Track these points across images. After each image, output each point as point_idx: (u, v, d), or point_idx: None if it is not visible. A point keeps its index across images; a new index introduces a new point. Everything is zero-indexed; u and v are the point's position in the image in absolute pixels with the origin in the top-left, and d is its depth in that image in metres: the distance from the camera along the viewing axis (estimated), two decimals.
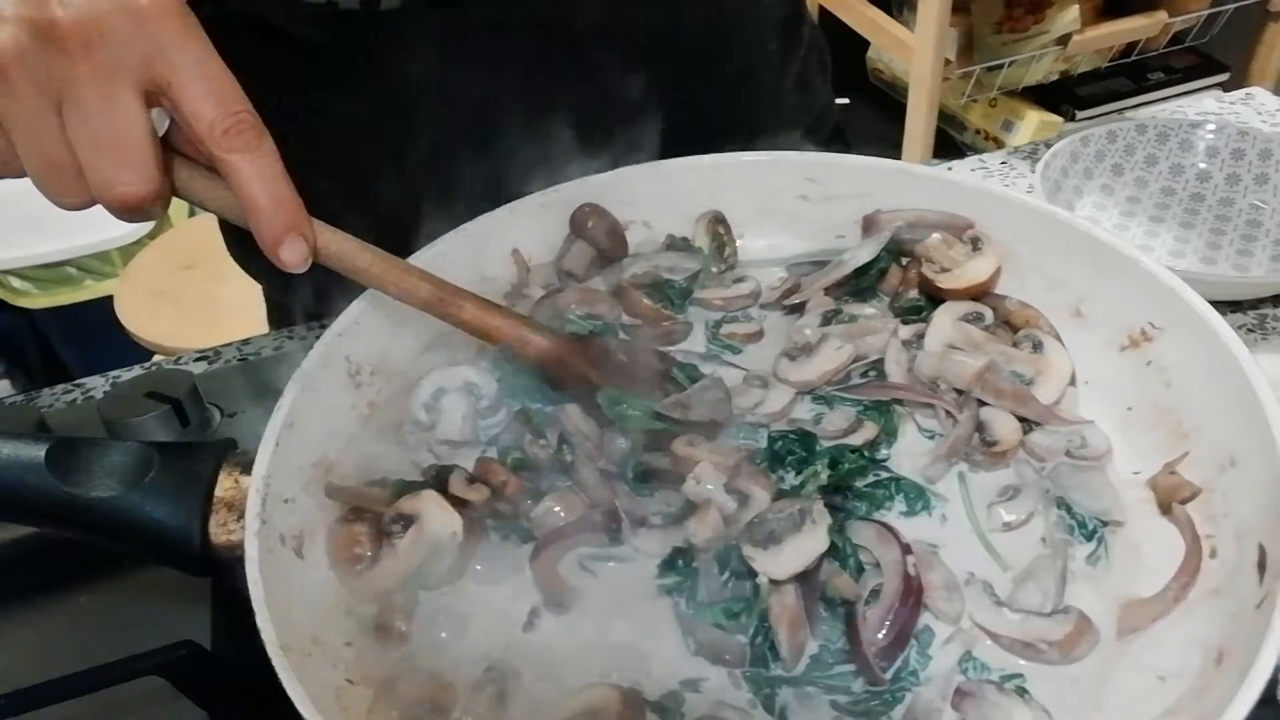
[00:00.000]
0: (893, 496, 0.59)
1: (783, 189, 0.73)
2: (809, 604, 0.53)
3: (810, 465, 0.59)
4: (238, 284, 1.09)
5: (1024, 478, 0.60)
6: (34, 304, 2.17)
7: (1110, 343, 0.64)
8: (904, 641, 0.52)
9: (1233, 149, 0.95)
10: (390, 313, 0.64)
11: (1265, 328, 0.83)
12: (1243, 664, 0.45)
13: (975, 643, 0.53)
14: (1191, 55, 2.34)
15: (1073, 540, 0.57)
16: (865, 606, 0.53)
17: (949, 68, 2.07)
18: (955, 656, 0.53)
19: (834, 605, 0.54)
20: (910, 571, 0.53)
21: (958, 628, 0.54)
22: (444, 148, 0.78)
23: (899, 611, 0.52)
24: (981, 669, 0.52)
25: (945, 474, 0.61)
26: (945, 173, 0.71)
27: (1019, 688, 0.51)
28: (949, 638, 0.53)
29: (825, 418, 0.64)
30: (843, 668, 0.52)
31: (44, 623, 0.65)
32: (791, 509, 0.54)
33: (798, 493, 0.57)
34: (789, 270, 0.73)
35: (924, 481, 0.60)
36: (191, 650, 0.55)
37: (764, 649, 0.52)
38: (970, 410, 0.62)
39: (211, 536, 0.52)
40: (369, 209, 0.62)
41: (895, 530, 0.56)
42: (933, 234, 0.68)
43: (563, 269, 0.71)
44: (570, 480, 0.60)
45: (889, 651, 0.52)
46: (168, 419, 0.72)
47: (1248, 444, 0.54)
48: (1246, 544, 0.52)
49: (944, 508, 0.59)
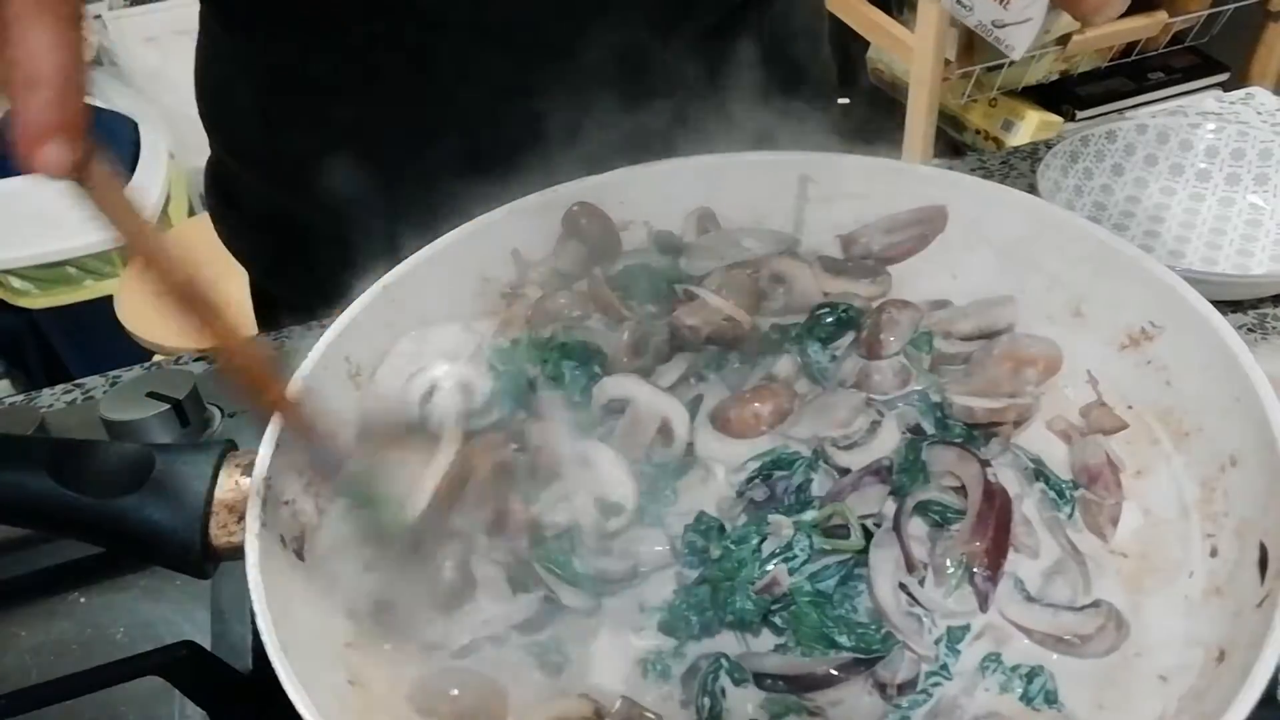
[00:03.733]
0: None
1: (783, 189, 0.73)
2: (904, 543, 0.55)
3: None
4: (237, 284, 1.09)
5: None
6: (34, 304, 2.17)
7: (1110, 342, 0.64)
8: (1002, 549, 0.54)
9: (1233, 149, 0.95)
10: (390, 313, 0.64)
11: (1265, 328, 0.83)
12: (1244, 663, 0.44)
13: (1006, 640, 0.53)
14: (1191, 55, 2.34)
15: (1061, 517, 0.58)
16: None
17: (949, 68, 2.07)
18: (981, 654, 0.53)
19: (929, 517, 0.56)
20: (990, 479, 0.55)
21: (988, 621, 0.54)
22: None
23: (985, 515, 0.54)
24: (1005, 672, 0.52)
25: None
26: (945, 172, 0.71)
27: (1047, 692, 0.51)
28: (979, 632, 0.53)
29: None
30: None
31: (44, 623, 0.65)
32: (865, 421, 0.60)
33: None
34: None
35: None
36: (191, 650, 0.55)
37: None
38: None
39: (212, 538, 0.52)
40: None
41: (974, 450, 0.57)
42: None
43: (557, 269, 0.71)
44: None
45: (992, 560, 0.53)
46: (168, 419, 0.72)
47: (1248, 444, 0.54)
48: (1247, 543, 0.52)
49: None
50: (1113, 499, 0.59)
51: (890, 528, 0.56)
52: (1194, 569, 0.55)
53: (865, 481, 0.58)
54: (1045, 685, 0.51)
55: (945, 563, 0.55)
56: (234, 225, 0.96)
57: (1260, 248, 0.90)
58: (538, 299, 0.69)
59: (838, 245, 0.72)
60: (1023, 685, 0.52)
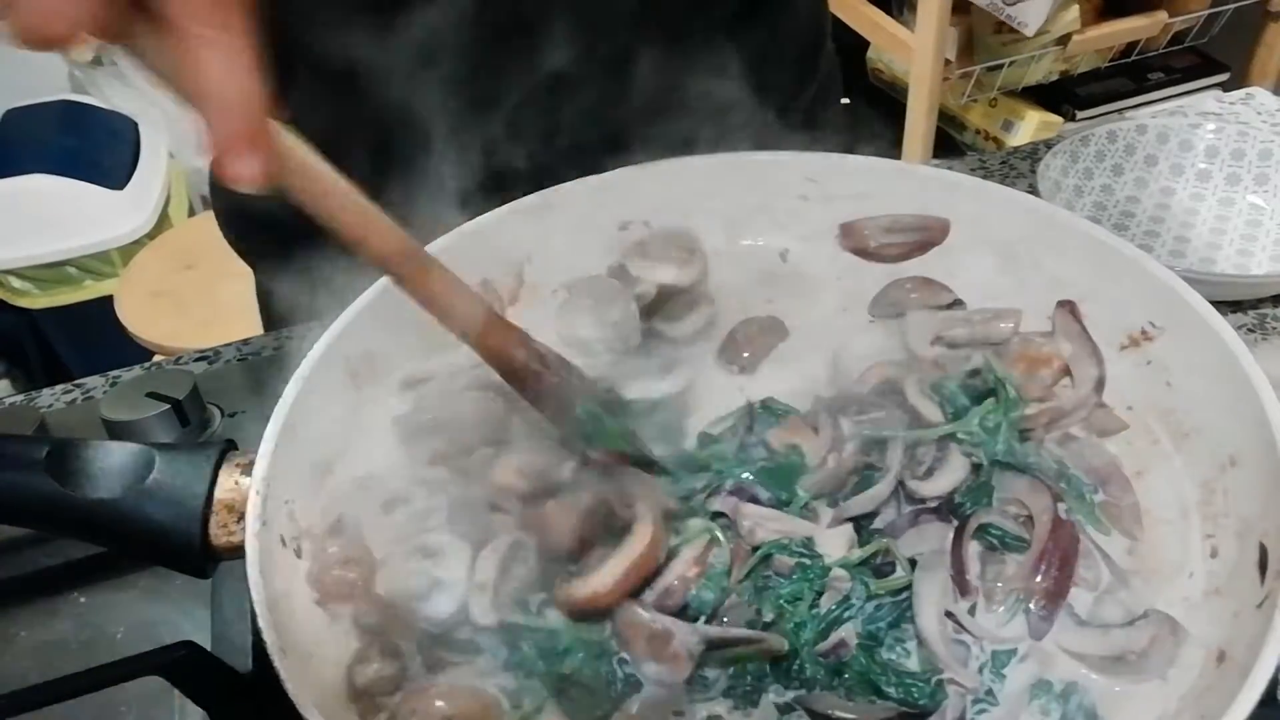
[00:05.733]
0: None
1: (783, 189, 0.73)
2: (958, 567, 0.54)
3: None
4: (238, 284, 1.09)
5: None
6: (34, 304, 2.17)
7: (1110, 343, 0.64)
8: (1063, 589, 0.53)
9: (1233, 149, 0.95)
10: (391, 313, 0.64)
11: (1265, 328, 0.83)
12: (1244, 664, 0.45)
13: (1052, 664, 0.52)
14: (1191, 55, 2.34)
15: (1083, 522, 0.57)
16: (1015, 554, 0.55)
17: (949, 68, 2.07)
18: (1029, 678, 0.51)
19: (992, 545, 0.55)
20: (1061, 514, 0.54)
21: (1034, 645, 0.52)
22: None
23: (1050, 552, 0.53)
24: (1050, 694, 0.51)
25: None
26: (945, 172, 0.71)
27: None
28: (1024, 655, 0.52)
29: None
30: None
31: (44, 623, 0.65)
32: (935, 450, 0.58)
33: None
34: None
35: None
36: (191, 650, 0.55)
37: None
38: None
39: (212, 538, 0.52)
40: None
41: (1046, 480, 0.57)
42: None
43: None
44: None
45: (1051, 600, 0.52)
46: (168, 419, 0.72)
47: (1248, 444, 0.54)
48: (1247, 544, 0.52)
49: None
50: (1129, 498, 0.58)
51: (937, 549, 0.55)
52: (1194, 570, 0.54)
53: (923, 519, 0.57)
54: (1082, 702, 0.50)
55: (997, 590, 0.54)
56: (239, 224, 0.96)
57: (1260, 248, 0.90)
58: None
59: (838, 232, 0.72)
60: (1060, 706, 0.50)
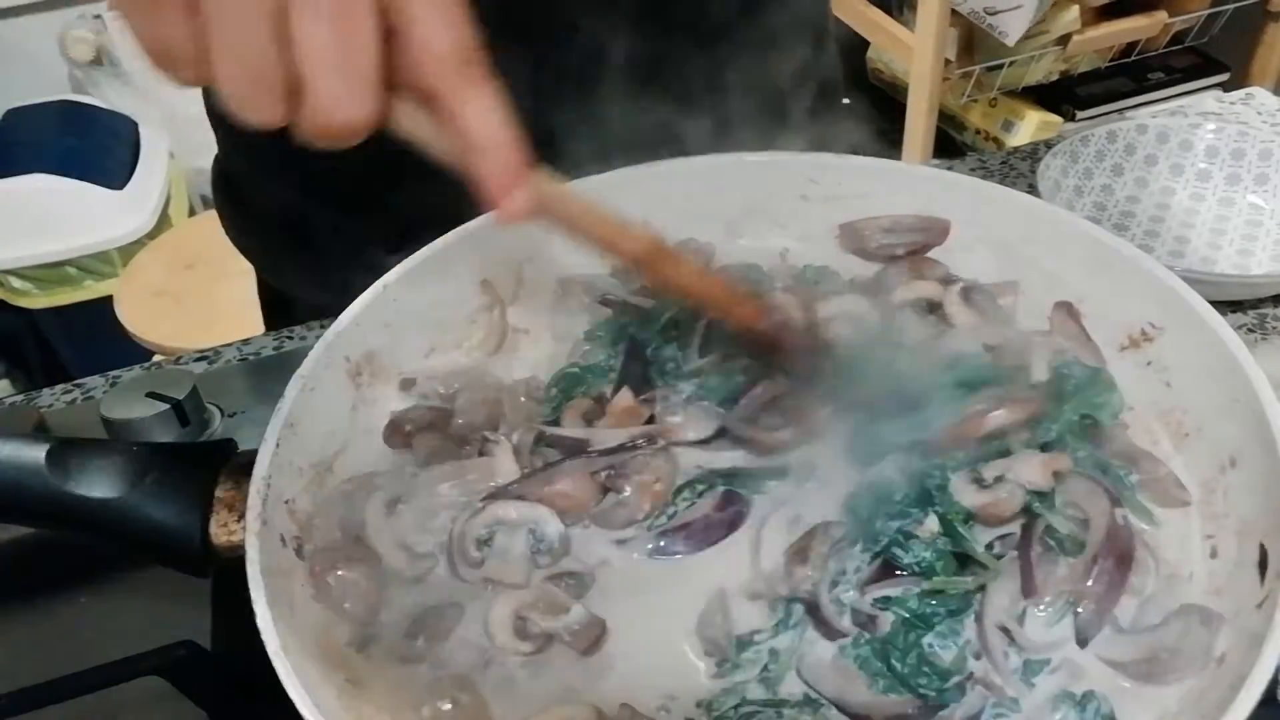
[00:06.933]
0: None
1: (783, 189, 0.73)
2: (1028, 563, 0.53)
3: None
4: (238, 284, 1.09)
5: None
6: (34, 304, 2.17)
7: (1110, 343, 0.64)
8: (1114, 598, 0.52)
9: (1233, 149, 0.95)
10: (391, 312, 0.64)
11: (1265, 328, 0.83)
12: (1244, 664, 0.45)
13: (1081, 674, 0.51)
14: (1191, 55, 2.35)
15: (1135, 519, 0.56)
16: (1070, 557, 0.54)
17: (949, 68, 2.08)
18: (1055, 688, 0.51)
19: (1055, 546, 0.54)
20: (1119, 520, 0.53)
21: (1066, 655, 0.52)
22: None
23: (1103, 558, 0.52)
24: (1075, 704, 0.50)
25: None
26: (945, 172, 0.71)
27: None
28: (1055, 667, 0.51)
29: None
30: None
31: (44, 623, 0.65)
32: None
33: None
34: None
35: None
36: (191, 650, 0.55)
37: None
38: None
39: (212, 537, 0.52)
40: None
41: (1107, 485, 0.55)
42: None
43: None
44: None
45: (1100, 606, 0.52)
46: (168, 419, 0.72)
47: (1248, 444, 0.54)
48: (1247, 544, 0.52)
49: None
50: (1162, 469, 0.58)
51: (1015, 556, 0.54)
52: (1194, 570, 0.54)
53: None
54: (1099, 709, 0.50)
55: (1048, 590, 0.53)
56: (241, 223, 0.96)
57: (1260, 248, 0.90)
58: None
59: (838, 233, 0.72)
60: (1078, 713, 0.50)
